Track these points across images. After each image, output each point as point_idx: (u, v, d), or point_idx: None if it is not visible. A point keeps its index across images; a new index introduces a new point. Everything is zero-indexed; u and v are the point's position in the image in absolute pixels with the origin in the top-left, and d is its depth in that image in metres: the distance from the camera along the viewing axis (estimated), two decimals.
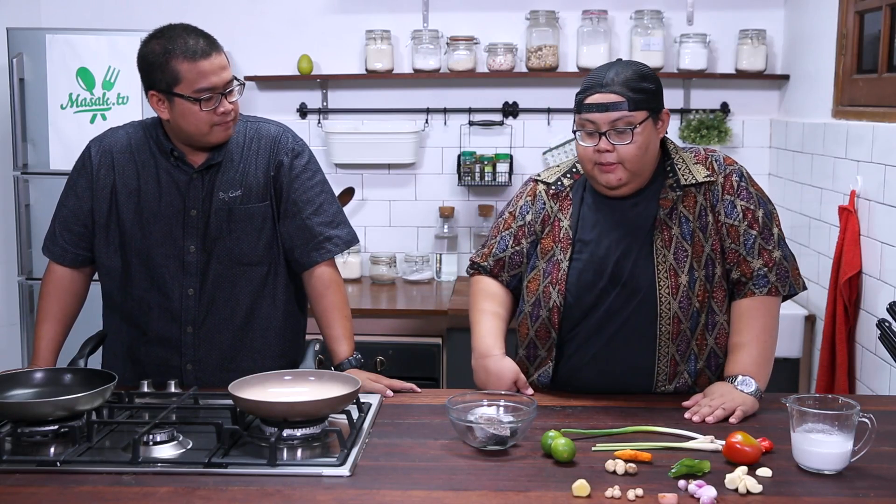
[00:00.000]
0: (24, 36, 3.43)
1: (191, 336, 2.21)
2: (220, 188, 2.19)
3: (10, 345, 3.73)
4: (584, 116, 2.03)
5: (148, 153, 2.21)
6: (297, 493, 1.59)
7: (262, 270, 2.24)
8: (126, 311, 2.25)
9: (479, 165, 4.00)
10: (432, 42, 3.94)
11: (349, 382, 1.91)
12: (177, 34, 2.09)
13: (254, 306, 2.24)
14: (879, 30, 3.14)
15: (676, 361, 2.09)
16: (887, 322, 1.92)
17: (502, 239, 2.22)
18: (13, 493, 1.60)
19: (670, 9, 3.93)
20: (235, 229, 2.19)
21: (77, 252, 2.26)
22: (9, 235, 3.61)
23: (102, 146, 2.24)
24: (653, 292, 2.06)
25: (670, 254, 2.06)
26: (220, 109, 2.10)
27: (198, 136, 2.13)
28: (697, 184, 2.08)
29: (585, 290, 2.09)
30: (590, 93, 2.03)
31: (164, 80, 2.08)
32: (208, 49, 2.08)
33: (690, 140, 3.94)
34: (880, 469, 1.70)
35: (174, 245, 2.18)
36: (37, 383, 1.96)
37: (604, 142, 2.01)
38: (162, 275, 2.19)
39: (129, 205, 2.19)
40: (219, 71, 2.09)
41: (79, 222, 2.24)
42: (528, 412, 1.84)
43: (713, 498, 1.56)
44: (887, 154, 2.88)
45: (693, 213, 2.08)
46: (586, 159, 2.06)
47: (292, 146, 2.25)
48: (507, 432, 1.78)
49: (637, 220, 2.09)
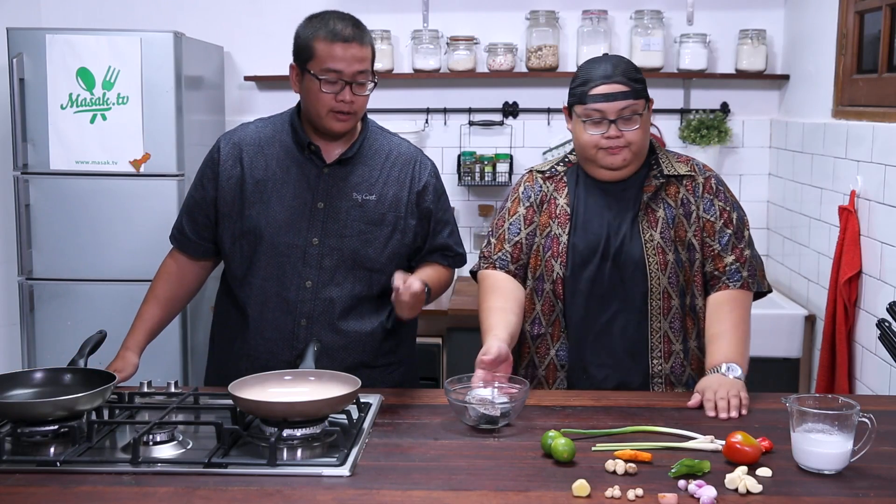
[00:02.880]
0: (24, 36, 3.42)
1: (304, 329, 2.24)
2: (355, 189, 2.25)
3: (11, 345, 3.73)
4: (592, 107, 2.14)
5: (279, 145, 2.27)
6: (297, 493, 1.59)
7: (381, 278, 2.27)
8: (243, 300, 2.28)
9: (479, 165, 4.00)
10: (432, 42, 3.94)
11: (349, 382, 1.91)
12: (330, 17, 2.19)
13: (366, 311, 2.28)
14: (879, 30, 3.14)
15: (669, 339, 2.19)
16: (887, 322, 1.92)
17: (512, 225, 2.28)
18: (13, 493, 1.60)
19: (670, 9, 3.94)
20: (366, 231, 2.24)
21: (199, 242, 2.34)
22: (9, 235, 3.61)
23: (232, 139, 2.31)
24: (643, 267, 2.19)
25: (657, 233, 2.21)
26: (339, 97, 2.16)
27: (315, 118, 2.21)
28: (679, 175, 2.25)
29: (581, 265, 2.20)
30: (594, 84, 2.14)
31: (303, 54, 2.18)
32: (351, 37, 2.15)
33: (690, 140, 3.94)
34: (880, 469, 1.70)
35: (298, 235, 2.23)
36: (37, 383, 1.96)
37: (613, 129, 2.14)
38: (282, 264, 2.23)
39: (256, 194, 2.24)
40: (351, 59, 2.15)
41: (202, 212, 2.31)
42: (520, 394, 1.94)
43: (713, 498, 1.56)
44: (887, 154, 2.88)
45: (675, 201, 2.23)
46: (590, 146, 2.18)
47: (432, 169, 2.38)
48: (497, 413, 1.89)
49: (624, 204, 2.23)
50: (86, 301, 3.50)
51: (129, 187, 3.47)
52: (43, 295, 3.52)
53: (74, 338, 2.32)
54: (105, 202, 3.48)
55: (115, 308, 3.49)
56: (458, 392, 1.97)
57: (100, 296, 3.50)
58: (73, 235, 3.49)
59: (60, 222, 3.49)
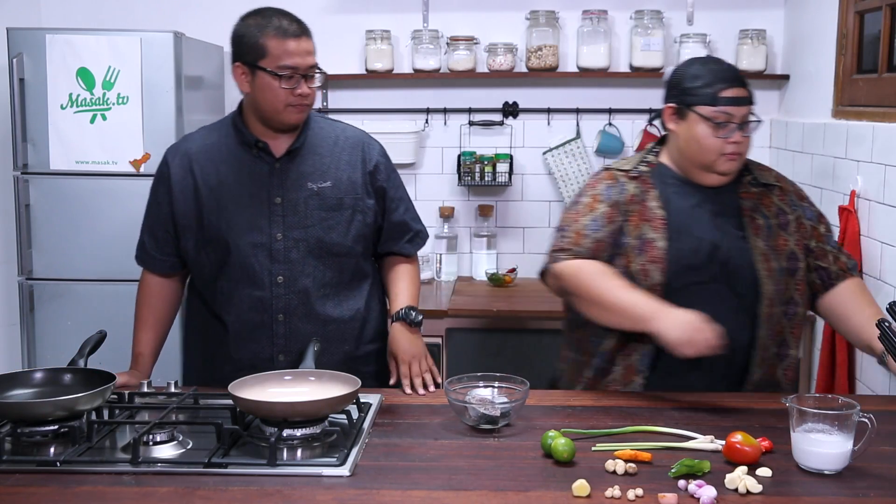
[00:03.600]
0: (24, 36, 3.42)
1: (282, 324, 2.25)
2: (310, 178, 2.26)
3: (11, 345, 3.73)
4: (723, 109, 2.11)
5: (226, 150, 2.28)
6: (297, 493, 1.60)
7: (350, 262, 2.31)
8: (217, 307, 2.29)
9: (479, 165, 4.00)
10: (432, 42, 3.94)
11: (349, 382, 1.91)
12: (273, 14, 2.21)
13: (342, 297, 2.30)
14: (879, 30, 3.14)
15: (767, 346, 2.17)
16: (887, 322, 1.92)
17: (593, 221, 2.19)
18: (13, 493, 1.60)
19: (670, 9, 3.93)
20: (327, 218, 2.26)
21: (164, 258, 2.34)
22: (9, 235, 3.61)
23: (179, 151, 2.32)
24: (753, 274, 2.15)
25: (761, 241, 2.18)
26: (297, 91, 2.18)
27: (272, 113, 2.21)
28: (770, 185, 2.24)
29: (685, 271, 2.14)
30: (726, 86, 2.12)
31: (252, 54, 2.18)
32: (299, 32, 2.19)
33: None
34: (880, 469, 1.70)
35: (261, 233, 2.23)
36: (37, 383, 1.96)
37: (738, 134, 2.11)
38: (251, 264, 2.24)
39: (212, 199, 2.25)
40: (304, 54, 2.18)
41: (161, 227, 2.32)
42: (520, 394, 1.94)
43: (713, 498, 1.56)
44: (887, 154, 2.88)
45: (770, 211, 2.22)
46: (712, 150, 2.13)
47: (381, 149, 2.39)
48: (497, 413, 1.89)
49: (724, 209, 2.19)
50: (86, 301, 3.50)
51: (129, 187, 3.47)
52: (43, 295, 3.52)
53: (74, 338, 2.32)
54: (105, 202, 3.47)
55: (115, 308, 3.48)
56: (458, 392, 1.97)
57: (100, 296, 3.49)
58: (73, 235, 3.48)
59: (60, 222, 3.49)
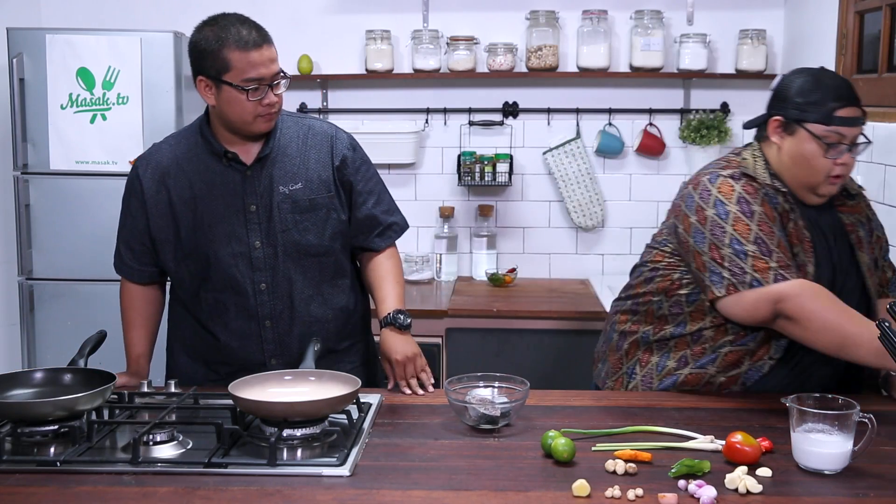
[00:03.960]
0: (24, 36, 3.42)
1: (270, 330, 2.25)
2: (280, 182, 2.23)
3: (10, 345, 3.73)
4: (836, 129, 2.01)
5: (197, 160, 2.24)
6: (297, 493, 1.59)
7: (329, 260, 2.29)
8: (203, 317, 2.28)
9: (479, 165, 4.00)
10: (432, 42, 3.94)
11: (349, 382, 1.91)
12: (230, 23, 2.13)
13: (326, 295, 2.30)
14: (879, 30, 3.14)
15: None
16: (887, 322, 1.91)
17: (781, 232, 2.05)
18: (13, 493, 1.60)
19: (670, 9, 3.93)
20: (301, 220, 2.24)
21: (142, 269, 2.33)
22: (9, 235, 3.61)
23: (150, 164, 2.27)
24: (863, 290, 2.13)
25: (865, 255, 2.16)
26: (265, 101, 2.14)
27: (240, 125, 2.17)
28: (858, 194, 2.22)
29: None
30: (842, 104, 2.02)
31: (215, 67, 2.11)
32: (260, 40, 2.12)
33: (690, 140, 3.94)
34: (880, 469, 1.70)
35: (240, 243, 2.22)
36: (37, 383, 1.96)
37: (847, 155, 2.03)
38: (233, 274, 2.22)
39: (187, 213, 2.22)
40: (268, 63, 2.13)
41: (137, 240, 2.30)
42: (520, 394, 1.94)
43: (713, 498, 1.56)
44: (887, 154, 2.88)
45: (864, 220, 2.20)
46: (822, 170, 2.04)
47: (349, 141, 2.34)
48: (497, 413, 1.89)
49: (832, 227, 2.15)
50: (86, 301, 3.50)
51: None
52: (43, 295, 3.52)
53: (74, 338, 2.32)
54: (105, 202, 3.47)
55: (115, 308, 3.46)
56: (458, 392, 1.97)
57: (100, 296, 3.49)
58: (73, 235, 3.49)
59: (60, 222, 3.49)
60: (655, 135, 4.01)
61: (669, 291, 2.18)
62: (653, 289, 2.22)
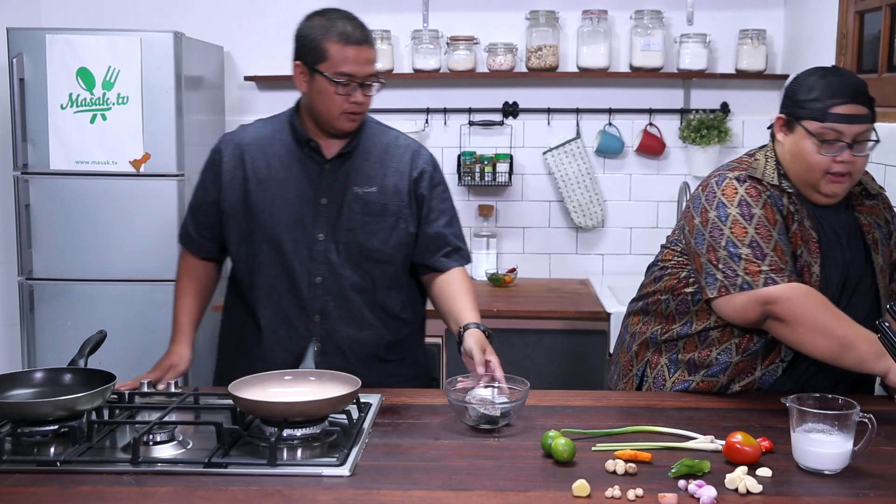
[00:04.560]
0: (24, 36, 3.42)
1: (318, 325, 2.25)
2: (355, 182, 2.25)
3: (11, 345, 3.73)
4: (831, 126, 1.99)
5: (279, 144, 2.28)
6: (297, 493, 1.59)
7: (389, 269, 2.29)
8: (254, 301, 2.29)
9: (479, 165, 4.00)
10: (432, 42, 3.94)
11: (349, 382, 1.91)
12: (338, 17, 2.18)
13: (380, 302, 2.29)
14: (879, 30, 3.14)
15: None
16: (887, 322, 1.91)
17: (781, 235, 2.03)
18: (13, 493, 1.60)
19: (670, 9, 3.93)
20: (369, 223, 2.25)
21: (202, 242, 2.37)
22: (9, 235, 3.61)
23: (233, 140, 2.33)
24: (875, 293, 2.12)
25: (879, 257, 2.13)
26: (352, 98, 2.17)
27: (325, 118, 2.21)
28: (878, 194, 2.19)
29: (834, 298, 2.03)
30: (839, 101, 1.99)
31: (313, 55, 2.16)
32: (361, 39, 2.16)
33: (690, 140, 3.94)
34: (880, 469, 1.70)
35: (303, 232, 2.24)
36: (37, 383, 1.96)
37: (847, 154, 2.00)
38: (291, 262, 2.24)
39: (259, 193, 2.25)
40: (364, 62, 2.16)
41: (203, 213, 2.35)
42: (521, 394, 1.95)
43: (713, 498, 1.56)
44: (887, 154, 2.87)
45: (882, 221, 2.17)
46: (818, 168, 2.02)
47: (430, 159, 2.37)
48: (497, 413, 1.89)
49: (847, 227, 2.12)
50: (86, 301, 3.50)
51: (129, 187, 3.47)
52: (43, 295, 3.52)
53: (74, 338, 2.32)
54: (105, 202, 3.48)
55: (115, 308, 3.49)
56: (458, 392, 1.97)
57: (100, 296, 3.50)
58: (73, 235, 3.49)
59: (60, 222, 3.49)
60: (655, 135, 4.01)
61: (676, 290, 2.19)
62: (661, 287, 2.23)
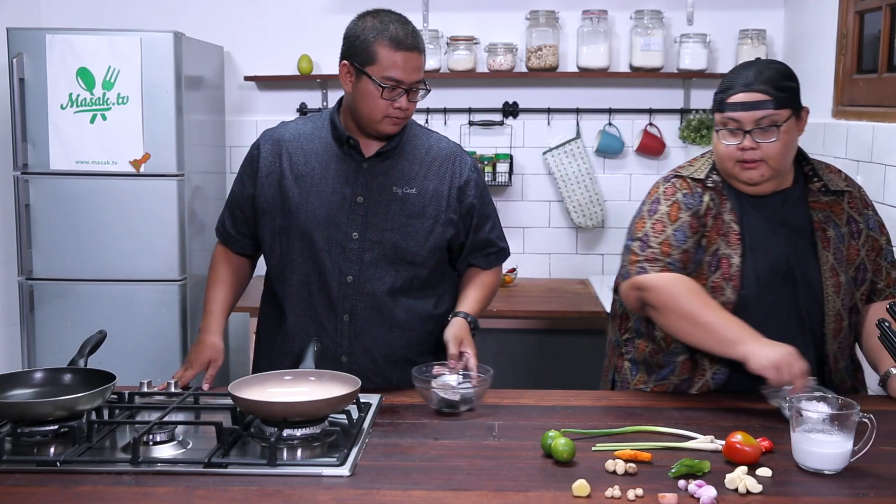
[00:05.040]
0: (24, 36, 3.42)
1: (347, 325, 2.24)
2: (395, 182, 2.24)
3: (11, 345, 3.73)
4: (728, 115, 2.04)
5: (318, 141, 2.28)
6: (297, 493, 1.59)
7: (422, 272, 2.28)
8: (284, 298, 2.29)
9: (479, 165, 3.99)
10: (432, 42, 3.94)
11: (349, 382, 1.91)
12: (391, 20, 2.16)
13: (411, 304, 2.28)
14: (879, 30, 3.14)
15: (837, 359, 2.14)
16: (887, 322, 1.92)
17: (677, 231, 2.11)
18: (13, 493, 1.60)
19: (670, 9, 3.94)
20: (406, 224, 2.24)
21: (237, 237, 2.37)
22: (9, 235, 3.61)
23: (272, 136, 2.32)
24: (821, 290, 2.10)
25: (830, 254, 2.11)
26: (397, 103, 2.16)
27: (368, 120, 2.20)
28: (841, 191, 2.15)
29: (763, 288, 2.09)
30: (733, 92, 2.05)
31: (361, 57, 2.14)
32: (412, 45, 2.14)
33: (690, 140, 3.94)
34: (880, 469, 1.70)
35: (337, 230, 2.22)
36: (37, 383, 1.96)
37: (748, 140, 2.03)
38: (323, 259, 2.23)
39: (295, 189, 2.25)
40: (412, 69, 2.15)
41: (239, 208, 2.34)
42: (481, 380, 2.03)
43: (713, 498, 1.56)
44: (887, 154, 2.88)
45: (841, 220, 2.14)
46: (727, 157, 2.07)
47: (473, 164, 2.37)
48: (457, 397, 1.98)
49: (794, 221, 2.13)
50: (86, 301, 3.50)
51: (129, 187, 3.47)
52: (43, 295, 3.52)
53: (74, 338, 2.32)
54: (105, 202, 3.48)
55: (115, 308, 3.49)
56: (424, 377, 2.03)
57: (100, 296, 3.50)
58: (73, 235, 3.49)
59: (60, 222, 3.49)
60: (655, 135, 4.01)
61: None
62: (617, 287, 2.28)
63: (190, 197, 3.57)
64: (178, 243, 3.51)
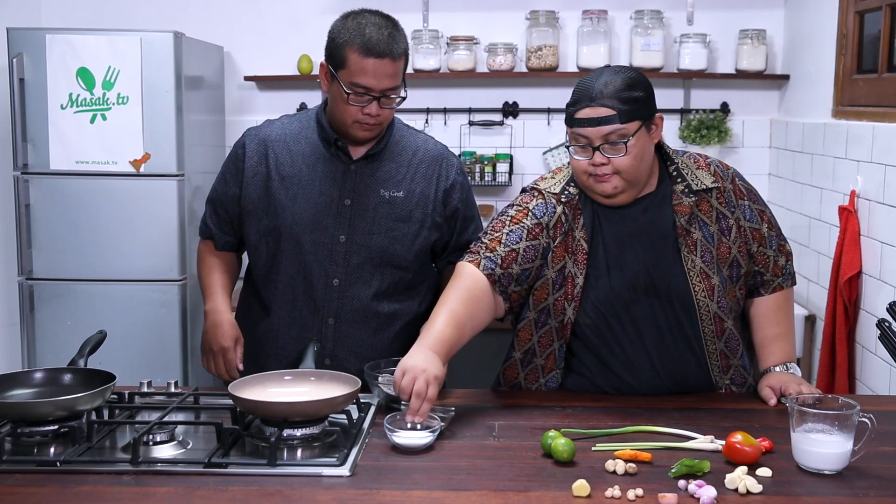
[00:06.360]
0: (24, 36, 3.42)
1: (331, 329, 2.24)
2: (383, 185, 2.23)
3: (11, 345, 3.73)
4: (577, 131, 1.98)
5: (305, 142, 2.26)
6: (297, 493, 1.59)
7: (407, 275, 2.28)
8: (269, 299, 2.28)
9: (479, 165, 4.00)
10: (432, 42, 3.94)
11: (349, 382, 1.91)
12: (369, 23, 2.12)
13: (396, 307, 2.27)
14: (879, 30, 3.14)
15: (727, 356, 2.12)
16: (887, 322, 1.92)
17: (512, 232, 2.08)
18: (13, 493, 1.60)
19: (670, 9, 3.94)
20: (394, 228, 2.23)
21: (220, 234, 2.36)
22: (9, 235, 3.61)
23: (258, 136, 2.30)
24: (690, 297, 2.04)
25: (697, 258, 2.05)
26: (366, 109, 2.13)
27: (339, 124, 2.20)
28: (708, 189, 2.07)
29: (621, 305, 2.05)
30: (580, 106, 1.97)
31: (335, 59, 2.15)
32: (384, 52, 2.10)
33: (690, 140, 3.94)
34: (880, 469, 1.70)
35: (324, 232, 2.21)
36: (37, 383, 1.96)
37: (598, 156, 1.97)
38: (309, 262, 2.22)
39: (282, 191, 2.23)
40: (382, 76, 2.11)
41: (223, 206, 2.33)
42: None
43: (713, 498, 1.56)
44: (887, 154, 2.88)
45: (710, 218, 2.07)
46: (580, 171, 2.02)
47: (458, 166, 2.37)
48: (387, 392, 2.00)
49: (655, 228, 2.06)
50: (86, 301, 3.50)
51: (129, 187, 3.47)
52: (43, 295, 3.52)
53: (74, 338, 2.32)
54: (105, 202, 3.47)
55: (115, 308, 3.49)
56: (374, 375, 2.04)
57: (100, 296, 3.49)
58: (73, 235, 3.49)
59: (60, 222, 3.49)
60: None
61: None
62: None
63: (190, 197, 3.57)
64: (178, 243, 3.51)
